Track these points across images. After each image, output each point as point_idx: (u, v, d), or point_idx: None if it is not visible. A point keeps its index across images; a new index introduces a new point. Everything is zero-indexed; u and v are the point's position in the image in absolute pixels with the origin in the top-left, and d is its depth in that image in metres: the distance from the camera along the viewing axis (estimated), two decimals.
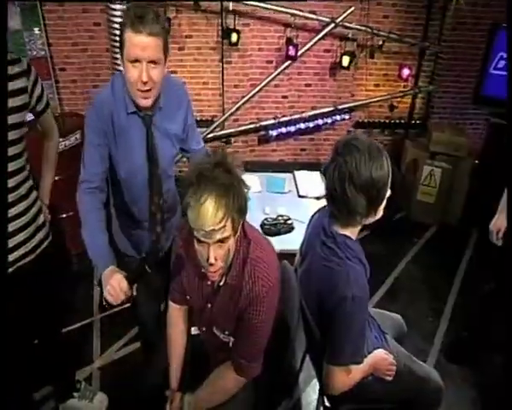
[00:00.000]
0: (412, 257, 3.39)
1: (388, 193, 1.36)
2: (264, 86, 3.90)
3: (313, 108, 4.05)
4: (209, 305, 1.40)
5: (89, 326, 2.64)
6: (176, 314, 1.56)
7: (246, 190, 1.20)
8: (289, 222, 2.29)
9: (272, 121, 3.97)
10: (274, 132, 3.91)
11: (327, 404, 1.69)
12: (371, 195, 1.29)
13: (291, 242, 2.13)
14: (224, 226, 1.15)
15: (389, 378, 1.57)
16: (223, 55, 3.81)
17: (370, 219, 1.39)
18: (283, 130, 3.91)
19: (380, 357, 1.56)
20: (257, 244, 1.32)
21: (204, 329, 1.50)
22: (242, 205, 1.18)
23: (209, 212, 1.12)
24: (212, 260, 1.19)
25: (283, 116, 4.02)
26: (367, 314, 1.39)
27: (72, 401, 2.11)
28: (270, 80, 3.87)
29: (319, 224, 1.47)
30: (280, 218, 2.29)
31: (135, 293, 1.40)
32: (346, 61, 3.61)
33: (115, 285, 1.31)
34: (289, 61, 3.76)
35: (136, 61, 1.38)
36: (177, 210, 1.85)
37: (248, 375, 1.41)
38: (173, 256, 1.48)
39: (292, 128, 3.93)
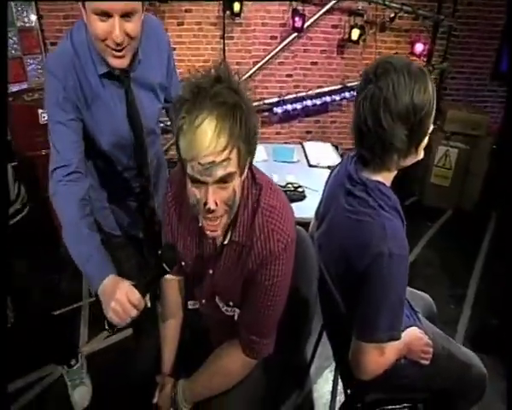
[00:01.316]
0: (427, 241, 3.16)
1: (431, 127, 1.15)
2: (267, 62, 3.73)
3: (319, 88, 3.87)
4: (210, 271, 1.18)
5: (76, 311, 2.48)
6: (168, 286, 1.31)
7: (256, 120, 0.95)
8: (300, 190, 2.15)
9: (276, 99, 3.79)
10: (279, 110, 3.72)
11: (347, 392, 1.44)
12: (412, 124, 1.08)
13: (303, 210, 1.93)
14: (228, 159, 0.91)
15: (425, 362, 1.33)
16: (224, 31, 3.62)
17: (410, 160, 1.17)
18: (289, 107, 3.74)
19: (415, 336, 1.31)
20: (269, 190, 1.09)
21: (204, 301, 1.27)
22: (251, 135, 0.94)
23: (208, 136, 0.88)
24: (211, 205, 0.95)
25: (288, 94, 3.83)
26: (407, 278, 1.14)
27: (58, 370, 1.96)
28: (274, 55, 3.72)
29: (342, 174, 1.28)
30: (290, 185, 2.11)
31: (148, 305, 1.11)
32: (355, 34, 3.43)
33: (122, 299, 1.02)
34: (295, 34, 3.58)
35: (106, 14, 1.11)
36: (161, 171, 1.64)
37: (258, 354, 1.17)
38: (163, 213, 1.24)
39: (298, 105, 3.75)
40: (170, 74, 1.44)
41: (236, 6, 3.33)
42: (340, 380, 1.53)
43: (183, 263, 1.23)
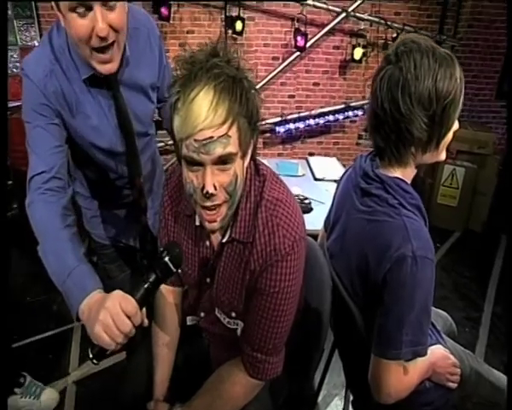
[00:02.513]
0: (437, 263, 2.98)
1: (456, 124, 1.04)
2: (269, 82, 3.71)
3: (322, 108, 3.85)
4: (208, 279, 1.08)
5: (67, 333, 2.31)
6: (164, 298, 1.20)
7: (259, 100, 0.88)
8: (307, 202, 2.07)
9: (279, 119, 3.76)
10: (281, 129, 3.69)
11: None
12: (434, 112, 0.97)
13: (310, 222, 1.84)
14: (227, 135, 0.82)
15: (453, 385, 1.18)
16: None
17: (430, 157, 1.06)
18: (291, 126, 3.72)
19: (440, 355, 1.17)
20: (274, 182, 1.00)
21: (203, 314, 1.16)
22: (254, 113, 0.86)
23: (204, 108, 0.80)
24: (209, 188, 0.85)
25: (291, 114, 3.82)
26: (433, 284, 1.02)
27: (13, 399, 1.81)
28: (276, 75, 3.71)
29: (355, 175, 1.19)
30: (295, 197, 1.89)
31: (146, 322, 0.89)
32: (358, 53, 3.42)
33: (114, 308, 0.83)
34: (297, 54, 3.58)
35: (84, 6, 0.99)
36: (156, 174, 1.55)
37: (264, 375, 1.03)
38: (160, 215, 1.16)
39: (300, 125, 3.71)
40: (162, 72, 1.35)
41: (239, 25, 3.33)
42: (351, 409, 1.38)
43: (179, 270, 1.10)
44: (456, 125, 1.04)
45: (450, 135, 1.04)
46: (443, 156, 1.08)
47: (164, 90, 1.38)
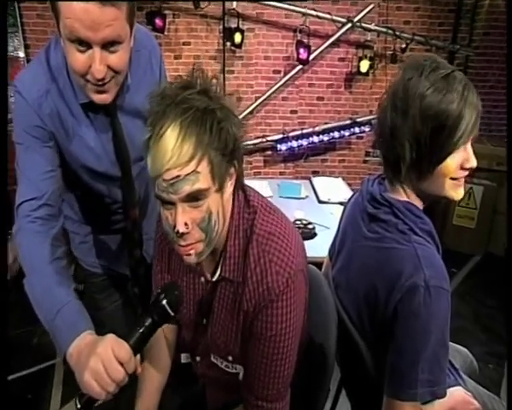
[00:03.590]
0: (454, 290, 2.99)
1: (474, 162, 1.04)
2: (270, 97, 3.76)
3: (326, 124, 3.90)
4: (204, 320, 1.09)
5: (48, 370, 2.29)
6: (157, 333, 1.15)
7: (238, 127, 0.89)
8: (310, 227, 2.08)
9: (281, 136, 3.78)
10: (283, 147, 3.72)
11: None
12: (418, 133, 0.99)
13: (314, 249, 1.87)
14: (195, 172, 0.84)
15: None
16: (224, 64, 3.66)
17: (429, 185, 1.06)
18: (294, 144, 3.73)
19: (461, 399, 1.18)
20: (266, 213, 1.01)
21: (198, 359, 1.17)
22: (229, 142, 0.87)
23: (170, 146, 0.83)
24: (180, 227, 0.87)
25: (293, 130, 3.85)
26: (449, 315, 1.00)
27: None
28: (278, 90, 3.76)
29: (362, 200, 1.20)
30: (298, 222, 2.05)
31: (139, 370, 0.88)
32: (364, 66, 3.47)
33: (106, 354, 0.82)
34: (300, 67, 3.63)
35: (83, 42, 1.01)
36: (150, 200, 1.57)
37: None
38: (155, 250, 1.18)
39: (304, 142, 3.73)
40: None
41: (238, 37, 3.38)
42: None
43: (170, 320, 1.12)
44: (457, 154, 1.02)
45: (450, 164, 1.02)
46: (454, 193, 1.06)
47: None
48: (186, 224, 0.87)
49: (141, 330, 0.87)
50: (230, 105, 0.88)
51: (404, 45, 3.55)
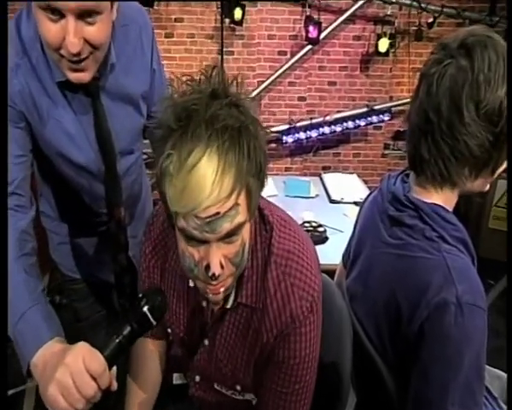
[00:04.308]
0: (490, 305, 2.95)
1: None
2: (274, 82, 3.75)
3: (339, 113, 3.90)
4: (206, 341, 1.11)
5: (18, 397, 2.30)
6: (144, 345, 1.22)
7: (264, 140, 0.88)
8: (320, 230, 2.11)
9: (287, 126, 3.79)
10: (289, 139, 3.73)
11: None
12: (501, 129, 0.99)
13: (325, 255, 1.88)
14: (236, 205, 0.84)
15: None
16: (222, 44, 3.66)
17: (478, 185, 1.09)
18: (302, 136, 3.74)
19: None
20: (283, 229, 1.03)
21: (198, 379, 1.18)
22: (263, 163, 0.86)
23: (208, 180, 0.79)
24: (216, 269, 0.87)
25: (301, 120, 3.85)
26: (485, 337, 1.01)
27: None
28: (284, 72, 3.75)
29: (382, 200, 1.22)
30: (307, 224, 2.09)
31: (115, 386, 0.87)
32: (384, 45, 3.45)
33: (76, 366, 0.81)
34: (309, 47, 3.61)
35: (55, 10, 0.99)
36: (140, 199, 1.60)
37: None
38: (141, 267, 1.19)
39: (313, 134, 3.73)
40: (154, 76, 1.38)
41: (238, 12, 3.37)
42: None
43: (169, 330, 1.17)
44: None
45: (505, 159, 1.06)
46: (487, 187, 1.11)
47: (152, 103, 1.40)
48: (221, 265, 0.87)
49: (118, 340, 0.86)
50: (256, 112, 0.87)
51: (431, 19, 3.53)
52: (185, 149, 0.79)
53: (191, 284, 1.06)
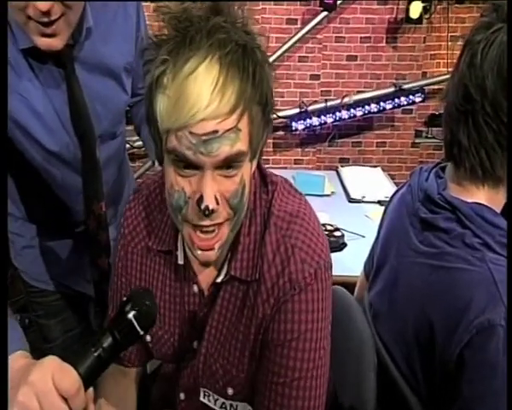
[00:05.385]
0: None
1: None
2: (282, 56, 3.76)
3: (360, 93, 3.92)
4: (194, 343, 1.14)
5: None
6: (112, 381, 1.22)
7: (272, 78, 0.93)
8: (338, 234, 2.14)
9: (297, 110, 3.79)
10: (300, 126, 3.72)
11: None
12: None
13: (343, 264, 1.97)
14: (237, 128, 0.87)
15: None
16: None
17: None
18: (315, 121, 3.72)
19: None
20: (286, 193, 1.09)
21: (183, 396, 1.21)
22: (268, 97, 0.92)
23: (207, 88, 0.84)
24: (210, 202, 0.89)
25: (314, 103, 3.85)
26: None
27: None
28: (294, 45, 3.76)
29: (413, 195, 1.25)
30: (321, 228, 1.96)
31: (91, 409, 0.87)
32: (416, 9, 3.46)
33: (43, 384, 0.79)
34: (324, 14, 3.62)
35: None
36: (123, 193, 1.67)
37: None
38: (116, 258, 1.23)
39: (328, 119, 3.72)
40: (139, 47, 1.43)
41: None
42: None
43: (148, 338, 1.17)
44: None
45: None
46: None
47: (138, 77, 1.44)
48: (216, 198, 0.89)
49: (96, 354, 0.85)
50: (264, 47, 0.91)
51: None
52: (181, 56, 0.84)
53: (180, 260, 1.08)
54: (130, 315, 0.86)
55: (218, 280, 1.06)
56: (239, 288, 1.06)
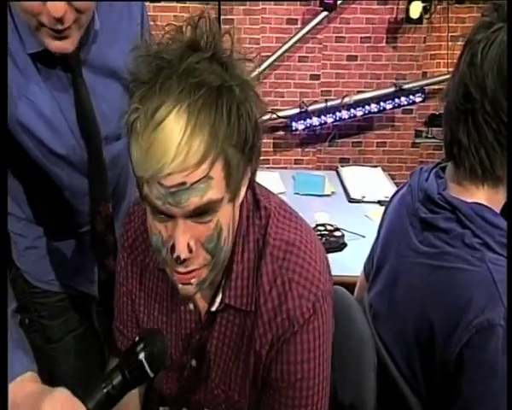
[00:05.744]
0: None
1: None
2: (282, 56, 3.75)
3: (360, 93, 3.91)
4: (193, 362, 1.14)
5: None
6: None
7: (260, 110, 0.91)
8: (337, 234, 2.13)
9: (297, 110, 3.78)
10: (300, 125, 3.71)
11: None
12: None
13: (343, 264, 1.98)
14: (208, 177, 0.85)
15: None
16: (220, 10, 3.69)
17: None
18: (315, 121, 3.71)
19: None
20: (281, 219, 1.07)
21: None
22: (249, 133, 0.88)
23: (174, 140, 0.82)
24: (181, 251, 0.89)
25: (314, 103, 3.84)
26: None
27: None
28: (294, 45, 3.74)
29: (413, 195, 1.25)
30: (321, 228, 2.11)
31: None
32: (416, 9, 3.46)
33: None
34: (324, 14, 3.61)
35: None
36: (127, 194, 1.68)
37: None
38: (117, 269, 1.23)
39: (328, 119, 3.72)
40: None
41: None
42: None
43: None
44: None
45: None
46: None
47: None
48: (189, 246, 0.88)
49: (106, 390, 0.86)
50: (248, 76, 0.88)
51: None
52: (152, 104, 0.82)
53: (170, 275, 1.08)
54: (141, 356, 0.88)
55: (213, 309, 1.06)
56: (235, 316, 1.06)
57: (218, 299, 1.05)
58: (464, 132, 1.07)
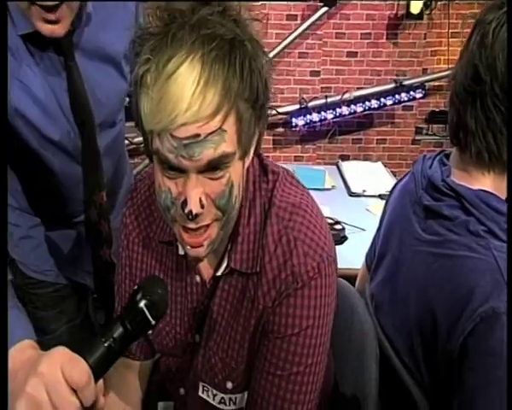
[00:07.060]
0: None
1: None
2: (282, 52, 3.77)
3: (360, 90, 3.93)
4: (197, 337, 1.15)
5: None
6: (120, 373, 1.23)
7: (269, 68, 0.92)
8: (338, 228, 2.14)
9: (297, 106, 3.81)
10: (300, 122, 3.73)
11: None
12: None
13: (344, 257, 1.90)
14: (221, 130, 0.85)
15: None
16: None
17: None
18: (315, 118, 3.74)
19: None
20: (288, 183, 1.09)
21: (182, 391, 1.23)
22: (260, 90, 0.89)
23: (188, 90, 0.82)
24: (193, 207, 0.88)
25: (314, 99, 3.85)
26: None
27: None
28: (293, 41, 3.76)
29: (417, 183, 1.24)
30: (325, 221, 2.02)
31: (102, 402, 0.85)
32: (416, 5, 3.48)
33: (52, 375, 0.78)
34: (324, 10, 3.63)
35: None
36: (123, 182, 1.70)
37: None
38: (120, 243, 1.23)
39: (328, 115, 3.74)
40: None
41: None
42: None
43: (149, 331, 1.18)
44: None
45: None
46: None
47: None
48: (201, 202, 0.88)
49: (106, 344, 0.84)
50: (258, 36, 0.89)
51: None
52: (163, 54, 0.82)
53: (181, 251, 1.08)
54: (142, 304, 0.85)
55: (219, 273, 1.07)
56: (238, 280, 1.07)
57: (224, 265, 1.05)
58: (472, 116, 1.06)
